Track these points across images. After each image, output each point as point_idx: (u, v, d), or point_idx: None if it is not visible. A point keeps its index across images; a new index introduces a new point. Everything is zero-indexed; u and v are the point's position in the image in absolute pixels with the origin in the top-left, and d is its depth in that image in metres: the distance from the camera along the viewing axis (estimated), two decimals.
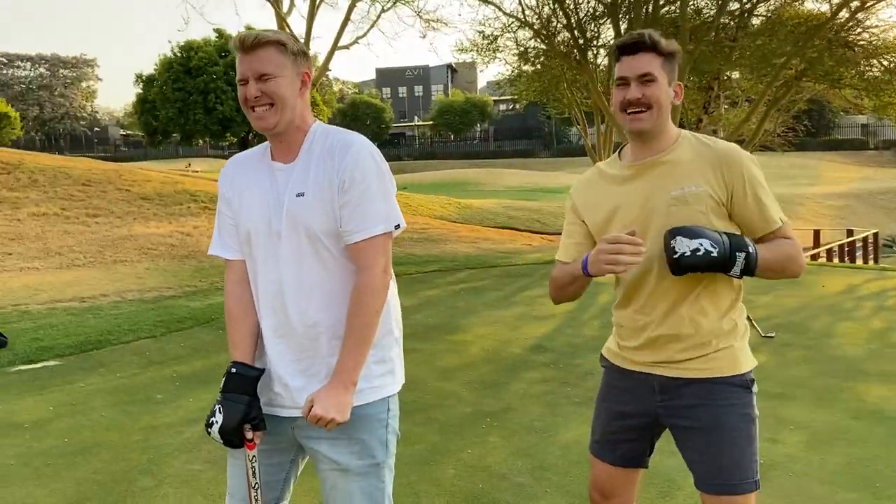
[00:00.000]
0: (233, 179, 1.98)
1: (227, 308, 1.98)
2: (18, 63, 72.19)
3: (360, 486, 1.87)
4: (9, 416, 4.68)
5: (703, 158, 1.93)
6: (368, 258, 1.82)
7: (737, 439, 1.95)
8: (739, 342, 2.00)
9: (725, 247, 1.84)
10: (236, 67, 1.85)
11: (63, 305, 7.67)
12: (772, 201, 1.94)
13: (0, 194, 12.13)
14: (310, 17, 19.27)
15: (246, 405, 1.82)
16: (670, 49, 1.94)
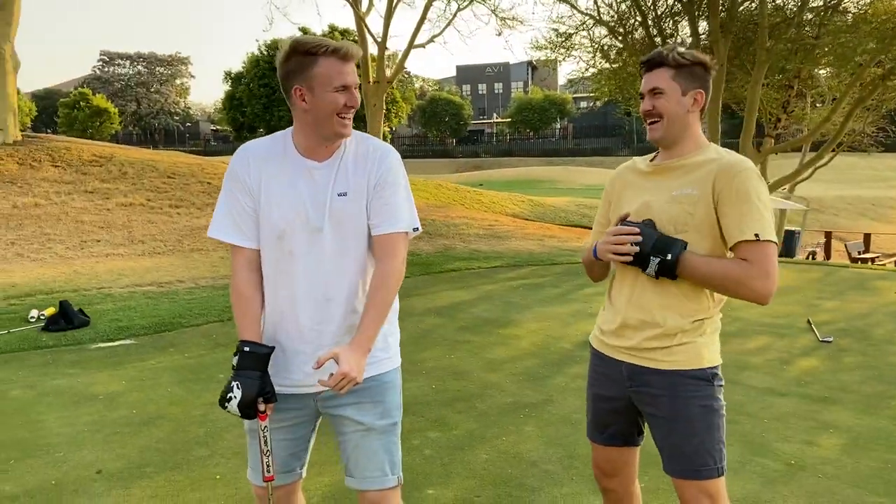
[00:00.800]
0: (259, 172, 2.05)
1: (236, 290, 2.07)
2: (119, 61, 75.93)
3: (382, 443, 2.09)
4: (86, 387, 5.11)
5: (708, 167, 2.05)
6: (395, 248, 2.03)
7: (697, 428, 2.06)
8: (703, 339, 2.09)
9: (646, 249, 2.00)
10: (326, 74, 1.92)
11: (142, 290, 8.21)
12: (754, 216, 1.97)
13: (93, 185, 12.99)
14: (387, 16, 19.66)
15: (260, 380, 1.98)
16: (683, 61, 2.05)
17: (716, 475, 2.07)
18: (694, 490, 2.07)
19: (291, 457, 2.18)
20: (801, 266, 11.37)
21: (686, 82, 2.06)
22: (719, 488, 2.08)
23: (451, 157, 66.04)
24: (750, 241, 1.96)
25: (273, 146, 2.07)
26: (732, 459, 3.74)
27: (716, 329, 2.14)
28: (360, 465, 2.09)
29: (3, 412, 4.60)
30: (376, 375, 2.08)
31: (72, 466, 3.77)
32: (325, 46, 1.92)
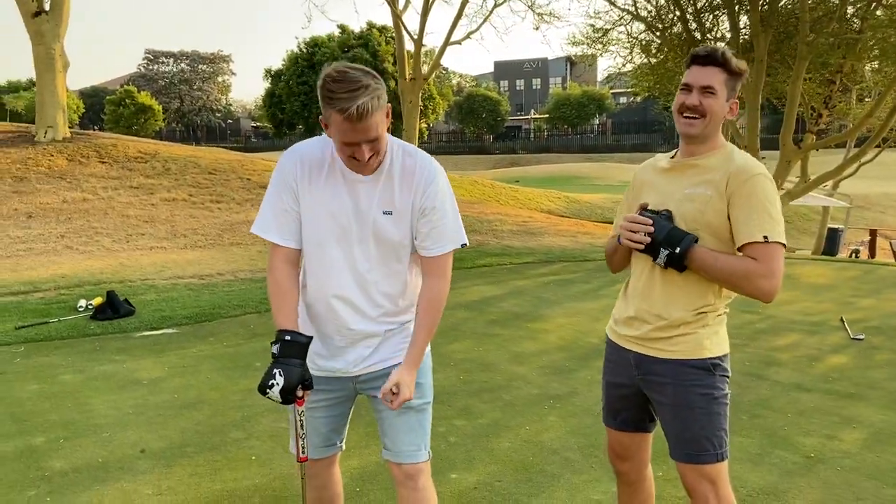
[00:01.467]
0: (307, 177, 2.10)
1: (275, 283, 2.14)
2: (163, 59, 77.52)
3: (419, 420, 2.27)
4: (131, 373, 5.37)
5: (723, 168, 2.12)
6: (442, 269, 2.17)
7: (698, 415, 2.16)
8: (705, 330, 2.18)
9: (658, 240, 2.10)
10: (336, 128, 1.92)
11: (184, 282, 8.51)
12: (763, 219, 2.04)
13: (138, 181, 13.41)
14: (424, 13, 19.81)
15: (301, 367, 2.08)
16: (737, 68, 2.10)
17: (715, 460, 2.16)
18: (695, 474, 2.17)
19: (332, 432, 2.37)
20: (840, 264, 11.22)
21: (731, 89, 2.12)
22: (719, 473, 2.17)
23: (487, 154, 66.01)
24: (759, 242, 2.03)
25: (323, 151, 2.12)
26: (752, 452, 3.82)
27: (720, 321, 2.22)
28: (398, 441, 2.25)
29: (55, 395, 4.87)
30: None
31: (117, 446, 3.99)
32: (336, 101, 1.86)
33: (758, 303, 7.66)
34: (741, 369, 5.33)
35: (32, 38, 14.69)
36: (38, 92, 15.26)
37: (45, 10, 14.75)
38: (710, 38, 18.46)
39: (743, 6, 16.05)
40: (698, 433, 2.15)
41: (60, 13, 14.86)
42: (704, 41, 18.12)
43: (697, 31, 17.75)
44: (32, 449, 3.95)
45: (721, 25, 18.24)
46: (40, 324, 6.69)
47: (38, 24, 14.61)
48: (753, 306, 7.61)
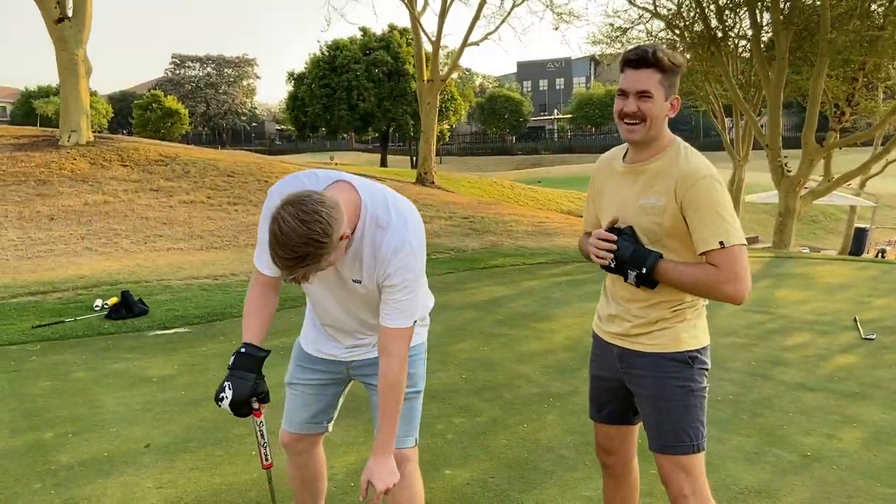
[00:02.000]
0: None
1: (248, 300, 2.24)
2: (189, 63, 78.50)
3: (407, 406, 2.30)
4: (142, 370, 5.48)
5: (671, 173, 2.09)
6: (395, 343, 2.11)
7: (674, 407, 2.18)
8: (683, 325, 2.20)
9: (624, 261, 2.13)
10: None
11: (198, 282, 8.66)
12: (716, 224, 2.03)
13: (157, 183, 13.64)
14: (441, 14, 19.88)
15: (253, 382, 2.10)
16: (671, 64, 2.05)
17: (691, 451, 2.18)
18: (671, 465, 2.20)
19: (321, 412, 2.43)
20: (859, 264, 11.07)
21: (669, 87, 2.08)
22: (694, 464, 2.19)
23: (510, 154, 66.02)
24: (716, 249, 2.03)
25: (307, 184, 2.15)
26: (749, 450, 3.81)
27: (697, 315, 2.23)
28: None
29: (67, 391, 5.00)
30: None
31: (123, 441, 4.09)
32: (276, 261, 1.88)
33: (770, 303, 7.67)
34: (746, 369, 5.30)
35: (56, 44, 15.01)
36: (62, 97, 15.58)
37: (67, 17, 15.06)
38: (731, 35, 18.33)
39: (764, 4, 15.91)
40: (675, 424, 2.18)
41: (83, 19, 15.16)
42: (726, 39, 17.98)
43: (719, 29, 17.64)
44: (41, 443, 4.06)
45: (742, 23, 18.12)
46: (56, 323, 6.85)
47: (61, 31, 14.92)
48: (766, 307, 7.55)
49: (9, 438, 4.15)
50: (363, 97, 38.67)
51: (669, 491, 2.22)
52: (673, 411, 2.18)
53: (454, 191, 20.19)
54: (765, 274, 9.87)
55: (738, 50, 19.31)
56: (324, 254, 1.84)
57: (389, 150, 48.90)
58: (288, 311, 6.74)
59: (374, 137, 48.32)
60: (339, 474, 3.59)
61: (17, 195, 12.31)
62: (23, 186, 12.73)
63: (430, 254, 10.98)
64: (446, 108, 40.57)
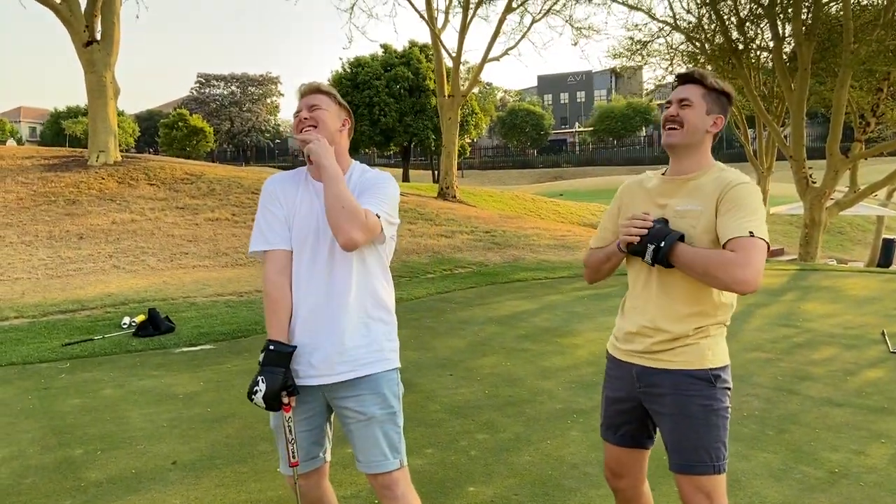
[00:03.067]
0: (285, 191, 2.39)
1: (267, 293, 2.33)
2: (214, 82, 79.49)
3: (383, 430, 2.33)
4: (168, 388, 5.56)
5: (712, 185, 2.20)
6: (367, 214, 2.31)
7: (696, 426, 2.17)
8: (707, 341, 2.22)
9: (649, 237, 2.17)
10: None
11: (224, 299, 8.76)
12: (748, 220, 2.09)
13: (183, 201, 13.85)
14: (462, 31, 20.01)
15: (283, 376, 2.24)
16: (716, 85, 2.25)
17: (712, 472, 2.16)
18: (691, 486, 2.18)
19: (313, 445, 2.44)
20: (887, 276, 10.91)
21: (712, 104, 2.24)
22: (715, 486, 2.18)
23: (531, 168, 65.96)
24: (743, 237, 2.07)
25: (295, 175, 2.45)
26: (775, 467, 3.77)
27: (721, 332, 2.25)
28: (365, 451, 2.33)
29: (95, 408, 5.08)
30: (372, 374, 2.32)
31: (150, 457, 4.15)
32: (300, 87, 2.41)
33: (796, 317, 7.59)
34: (773, 384, 5.25)
35: (85, 66, 15.36)
36: (91, 118, 15.91)
37: (96, 40, 15.41)
38: (752, 47, 18.24)
39: (786, 15, 15.83)
40: (696, 444, 2.17)
41: (111, 43, 15.50)
42: (747, 50, 17.90)
43: (740, 41, 17.57)
44: (71, 460, 4.14)
45: (764, 34, 18.04)
46: (86, 341, 6.97)
47: (90, 54, 15.27)
48: (792, 320, 7.47)
49: (39, 455, 4.23)
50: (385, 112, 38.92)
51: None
52: (694, 430, 2.17)
53: (476, 205, 20.23)
54: (791, 287, 9.76)
55: (760, 61, 19.20)
56: (332, 101, 2.38)
57: (411, 164, 49.12)
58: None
59: (396, 152, 48.65)
60: (364, 491, 3.60)
61: (48, 215, 12.57)
62: (53, 206, 12.99)
63: (451, 268, 11.01)
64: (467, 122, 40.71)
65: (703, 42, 17.95)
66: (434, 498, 3.51)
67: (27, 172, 14.76)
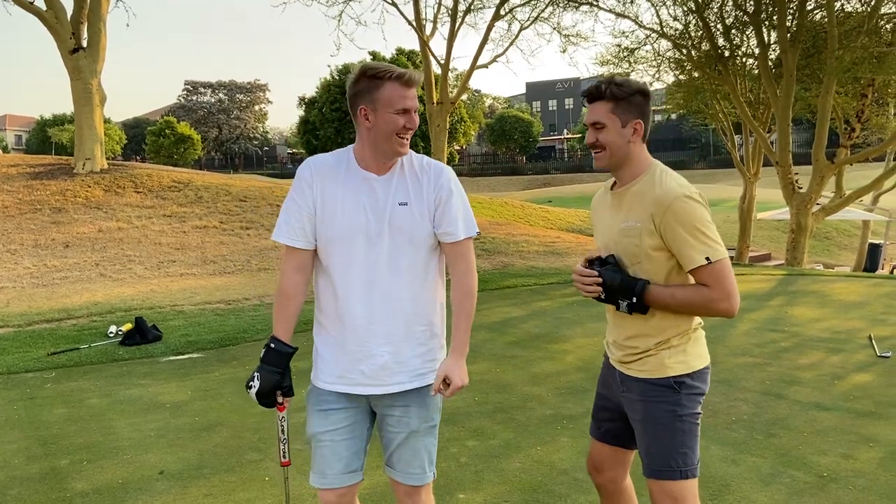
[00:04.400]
0: (322, 181, 2.23)
1: (281, 289, 2.26)
2: (201, 90, 79.25)
3: (424, 443, 2.31)
4: (155, 397, 5.51)
5: (647, 197, 2.19)
6: (466, 256, 2.27)
7: (661, 432, 2.22)
8: (668, 351, 2.24)
9: (613, 291, 2.21)
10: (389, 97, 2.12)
11: (211, 307, 8.71)
12: (698, 240, 2.10)
13: (171, 209, 13.77)
14: (450, 38, 20.06)
15: (279, 376, 2.23)
16: (620, 93, 2.19)
17: (678, 477, 2.19)
18: (660, 490, 2.22)
19: (353, 456, 2.29)
20: (874, 280, 10.99)
21: (625, 114, 2.20)
22: (682, 490, 2.19)
23: (520, 175, 66.04)
24: (703, 266, 2.10)
25: (337, 160, 2.27)
26: (764, 472, 3.78)
27: (687, 340, 2.25)
28: (404, 461, 2.30)
29: (81, 418, 5.03)
30: (423, 387, 2.27)
31: (137, 467, 4.11)
32: (391, 72, 2.12)
33: (784, 322, 7.63)
34: (761, 388, 5.27)
35: (71, 73, 15.27)
36: (77, 125, 15.81)
37: (82, 47, 15.33)
38: (738, 54, 18.38)
39: (771, 22, 15.97)
40: (662, 449, 2.21)
41: (97, 50, 15.42)
42: (733, 57, 18.03)
43: (726, 48, 17.69)
44: (56, 471, 4.09)
45: (749, 41, 18.18)
46: (72, 350, 6.90)
47: (75, 61, 15.18)
48: (779, 325, 7.51)
49: (25, 466, 4.18)
50: None
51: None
52: (660, 436, 2.21)
53: None
54: (778, 292, 9.82)
55: (746, 68, 19.35)
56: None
57: None
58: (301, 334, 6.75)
59: None
60: (365, 491, 3.58)
61: (33, 223, 12.47)
62: (38, 214, 12.88)
63: None
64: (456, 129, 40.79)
65: (690, 49, 18.07)
66: None
67: (12, 181, 14.64)
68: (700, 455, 4.05)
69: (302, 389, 2.54)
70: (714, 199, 34.22)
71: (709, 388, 2.34)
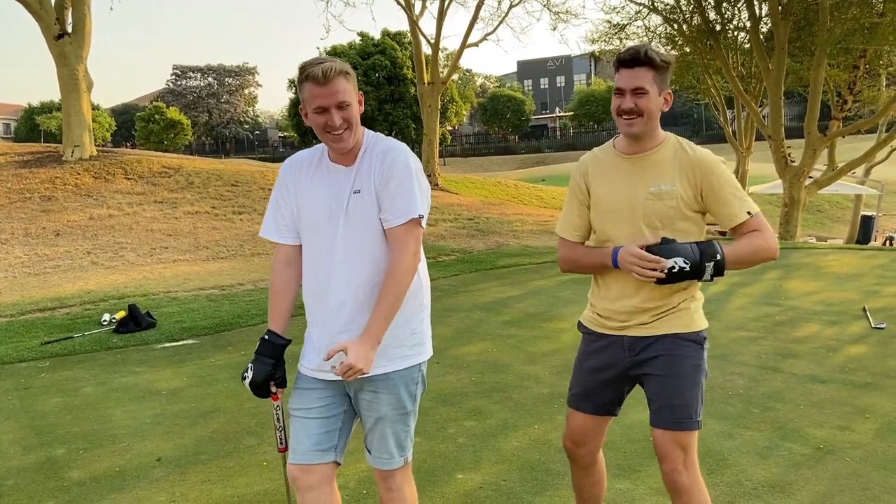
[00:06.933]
0: (298, 176, 2.30)
1: (271, 284, 2.36)
2: (190, 74, 78.48)
3: (392, 430, 2.30)
4: (151, 384, 5.49)
5: (679, 161, 2.28)
6: (403, 241, 2.18)
7: (687, 384, 2.30)
8: (693, 307, 2.35)
9: (696, 260, 2.19)
10: (308, 98, 2.11)
11: (205, 293, 8.67)
12: (738, 197, 2.26)
13: (162, 195, 13.68)
14: (440, 17, 19.89)
15: (271, 367, 2.27)
16: (663, 62, 2.23)
17: (696, 427, 2.29)
18: (671, 440, 2.27)
19: (325, 435, 2.27)
20: (868, 252, 11.02)
21: (662, 83, 2.25)
22: (692, 441, 2.30)
23: (513, 154, 65.88)
24: (746, 221, 2.25)
25: (312, 155, 2.33)
26: (761, 445, 3.79)
27: (701, 298, 2.40)
28: (374, 446, 2.33)
29: (77, 407, 5.01)
30: (391, 372, 2.24)
31: (134, 455, 4.10)
32: (305, 72, 2.09)
33: (779, 295, 7.64)
34: (757, 362, 5.28)
35: (56, 60, 15.08)
36: (64, 112, 15.65)
37: (67, 33, 15.13)
38: (730, 28, 18.28)
39: None
40: (686, 401, 2.28)
41: (82, 35, 15.23)
42: (724, 31, 17.93)
43: (717, 22, 17.59)
44: (53, 460, 4.07)
45: (740, 15, 18.07)
46: (65, 339, 6.87)
47: (61, 47, 14.99)
48: (774, 299, 7.52)
49: (21, 456, 4.16)
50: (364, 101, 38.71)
51: (664, 465, 2.29)
52: (686, 388, 2.29)
53: (458, 192, 20.18)
54: (772, 265, 9.83)
55: (738, 42, 19.27)
56: (347, 68, 2.13)
57: None
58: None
59: None
60: (352, 482, 3.58)
61: (23, 212, 12.37)
62: (28, 203, 12.78)
63: (435, 256, 10.97)
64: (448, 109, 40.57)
65: (681, 24, 17.96)
66: (423, 486, 3.48)
67: (1, 169, 14.51)
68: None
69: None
70: None
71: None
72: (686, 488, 2.26)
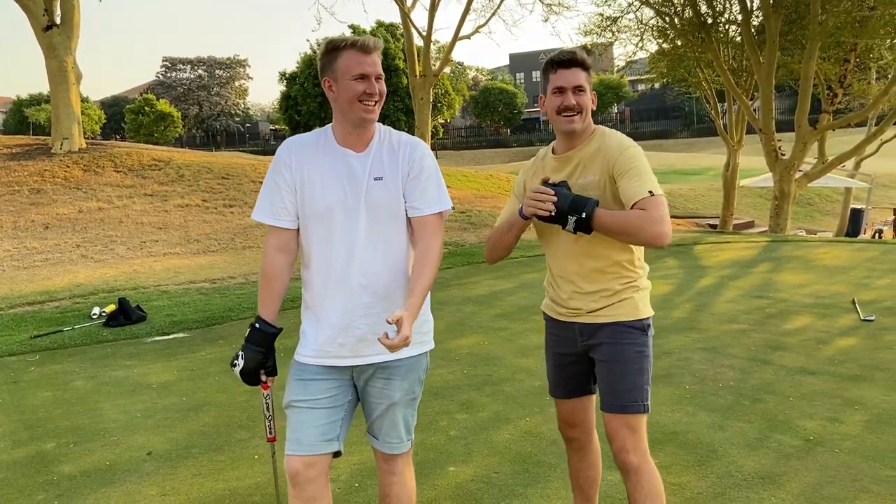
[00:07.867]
0: (301, 160, 2.26)
1: (263, 270, 2.31)
2: (180, 66, 77.96)
3: (403, 414, 2.37)
4: (141, 377, 5.47)
5: (598, 151, 2.40)
6: (436, 233, 2.27)
7: (630, 370, 2.40)
8: (637, 295, 2.44)
9: (563, 208, 2.26)
10: (348, 65, 2.14)
11: (196, 286, 8.64)
12: (641, 179, 2.30)
13: (152, 188, 13.61)
14: (432, 9, 19.82)
15: (262, 355, 2.27)
16: (590, 63, 2.42)
17: (642, 411, 2.39)
18: (620, 423, 2.38)
19: (331, 425, 2.26)
20: (857, 245, 11.07)
21: (590, 82, 2.42)
22: (640, 423, 2.40)
23: (505, 147, 65.85)
24: (646, 198, 2.27)
25: (315, 138, 2.31)
26: (751, 437, 3.81)
27: (646, 287, 2.49)
28: (383, 431, 2.36)
29: (67, 401, 4.99)
30: (405, 358, 2.29)
31: (125, 449, 4.09)
32: (347, 41, 2.16)
33: (769, 288, 7.67)
34: (747, 355, 5.30)
35: (45, 51, 14.96)
36: (53, 104, 15.54)
37: (56, 24, 15.00)
38: (721, 20, 18.29)
39: None
40: (630, 386, 2.38)
41: (71, 27, 15.10)
42: (716, 24, 17.94)
43: (708, 15, 17.59)
44: (43, 454, 4.06)
45: (732, 7, 18.08)
46: (55, 332, 6.84)
47: (49, 38, 14.87)
48: (764, 291, 7.56)
49: (11, 450, 4.14)
50: None
51: (613, 446, 2.39)
52: (629, 373, 2.39)
53: (450, 185, 20.17)
54: (762, 258, 9.87)
55: (729, 35, 19.27)
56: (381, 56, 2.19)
57: None
58: (288, 311, 6.72)
59: None
60: (344, 475, 3.58)
61: (12, 205, 12.28)
62: (17, 196, 12.69)
63: None
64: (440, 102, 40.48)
65: (673, 16, 17.95)
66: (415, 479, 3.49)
67: None
68: (687, 419, 4.09)
69: (287, 368, 2.51)
70: (698, 168, 34.36)
71: (694, 354, 2.45)
72: (635, 467, 2.36)
